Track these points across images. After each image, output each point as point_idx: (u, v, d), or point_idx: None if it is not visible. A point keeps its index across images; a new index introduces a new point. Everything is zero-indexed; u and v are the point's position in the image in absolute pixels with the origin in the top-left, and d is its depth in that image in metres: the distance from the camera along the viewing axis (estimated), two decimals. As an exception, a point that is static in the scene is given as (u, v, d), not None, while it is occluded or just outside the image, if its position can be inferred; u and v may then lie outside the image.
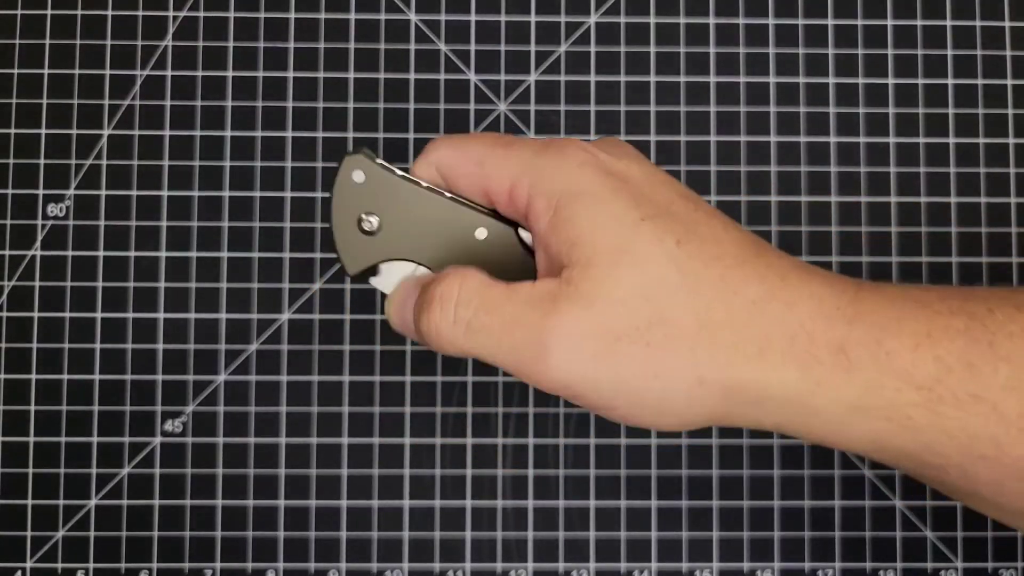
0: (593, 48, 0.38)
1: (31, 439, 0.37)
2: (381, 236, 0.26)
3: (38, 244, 0.37)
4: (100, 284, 0.37)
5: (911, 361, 0.20)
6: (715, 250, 0.22)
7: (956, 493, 0.23)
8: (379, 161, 0.26)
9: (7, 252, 0.37)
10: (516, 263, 0.26)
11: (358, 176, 0.26)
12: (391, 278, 0.26)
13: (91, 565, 0.36)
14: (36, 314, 0.37)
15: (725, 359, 0.21)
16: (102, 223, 0.38)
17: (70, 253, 0.37)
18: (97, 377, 0.37)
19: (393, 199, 0.26)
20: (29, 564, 0.36)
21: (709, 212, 0.23)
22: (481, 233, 0.26)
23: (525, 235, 0.26)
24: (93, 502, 0.37)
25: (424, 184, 0.26)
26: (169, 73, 0.38)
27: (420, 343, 0.25)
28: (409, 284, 0.26)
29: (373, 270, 0.26)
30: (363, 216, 0.26)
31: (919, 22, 0.39)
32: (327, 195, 0.38)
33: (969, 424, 0.20)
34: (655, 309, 0.21)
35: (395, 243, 0.26)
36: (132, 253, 0.38)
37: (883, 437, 0.21)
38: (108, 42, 0.38)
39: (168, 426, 0.37)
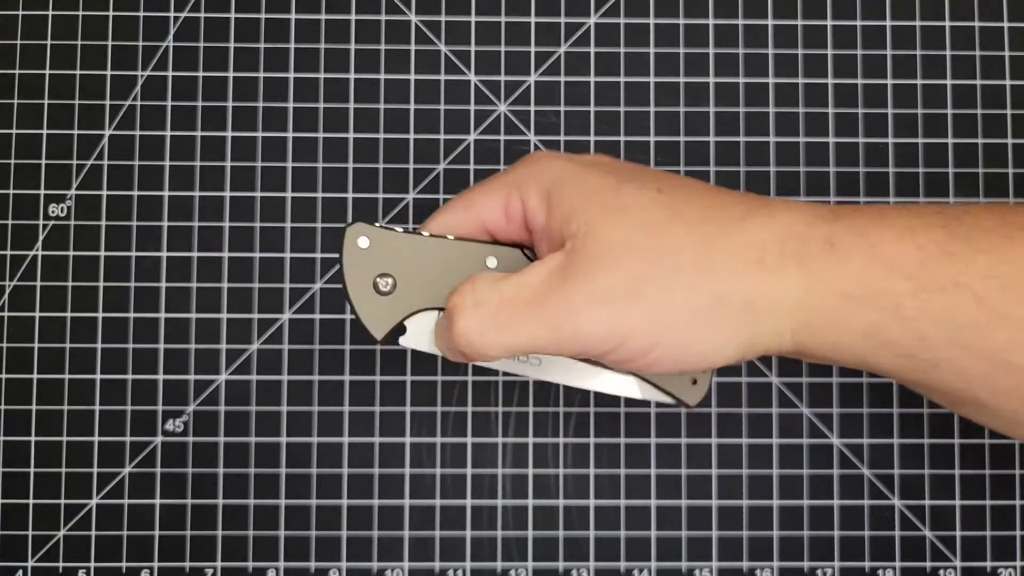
0: (593, 49, 0.39)
1: (32, 439, 0.37)
2: (399, 293, 0.26)
3: (39, 244, 0.38)
4: (101, 284, 0.37)
5: (896, 250, 0.22)
6: (692, 191, 0.24)
7: (956, 399, 0.24)
8: (378, 224, 0.26)
9: (8, 252, 0.37)
10: None
11: (363, 242, 0.26)
12: (419, 332, 0.26)
13: (92, 564, 0.37)
14: (37, 314, 0.37)
15: (730, 268, 0.23)
16: (103, 223, 0.38)
17: (71, 253, 0.38)
18: (98, 377, 0.37)
19: (401, 255, 0.26)
20: (30, 563, 0.37)
21: (678, 175, 0.26)
22: (492, 262, 0.27)
23: (530, 253, 0.27)
24: (94, 501, 0.37)
25: (426, 233, 0.26)
26: (170, 74, 0.38)
27: (469, 361, 0.25)
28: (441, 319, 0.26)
29: (400, 329, 0.26)
30: (377, 279, 0.26)
31: (918, 23, 0.39)
32: (325, 195, 0.38)
33: (954, 312, 0.22)
34: (656, 243, 0.23)
35: (414, 296, 0.26)
36: (133, 253, 0.38)
37: (877, 330, 0.22)
38: (109, 43, 0.38)
39: (169, 425, 0.37)
